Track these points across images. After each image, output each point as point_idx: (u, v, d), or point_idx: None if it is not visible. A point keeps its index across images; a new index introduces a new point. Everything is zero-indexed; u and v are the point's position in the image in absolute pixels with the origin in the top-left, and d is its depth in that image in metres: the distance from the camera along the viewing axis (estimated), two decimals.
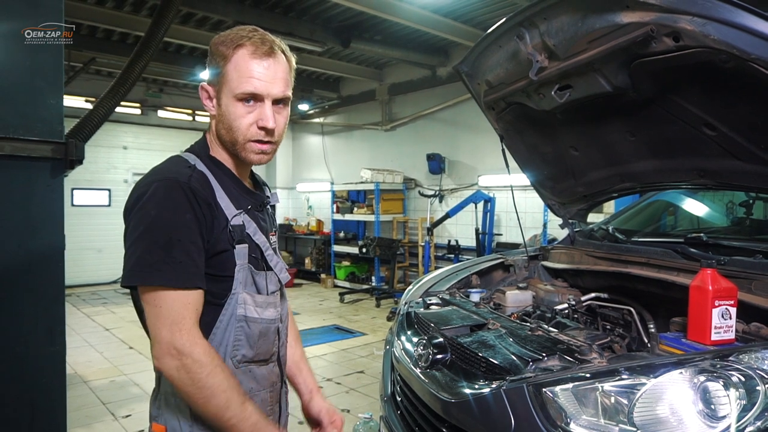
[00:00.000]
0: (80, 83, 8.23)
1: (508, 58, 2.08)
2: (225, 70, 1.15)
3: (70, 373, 2.20)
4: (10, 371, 2.19)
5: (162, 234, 1.08)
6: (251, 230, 1.22)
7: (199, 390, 1.07)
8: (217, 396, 1.08)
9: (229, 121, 1.17)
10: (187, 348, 1.07)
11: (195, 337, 1.09)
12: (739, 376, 1.23)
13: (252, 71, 1.14)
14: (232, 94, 1.15)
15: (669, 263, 2.02)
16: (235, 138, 1.17)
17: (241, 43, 1.15)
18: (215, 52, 1.17)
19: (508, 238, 7.20)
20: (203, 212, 1.12)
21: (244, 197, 1.25)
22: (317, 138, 10.75)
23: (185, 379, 1.07)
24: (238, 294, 1.18)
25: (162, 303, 1.08)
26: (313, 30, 6.68)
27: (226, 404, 1.09)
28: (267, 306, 1.25)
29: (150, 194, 1.10)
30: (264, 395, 1.27)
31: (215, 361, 1.10)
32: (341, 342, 5.88)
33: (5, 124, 2.14)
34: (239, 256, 1.18)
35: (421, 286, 2.64)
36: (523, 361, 1.55)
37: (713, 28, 1.41)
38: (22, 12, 2.19)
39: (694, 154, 1.97)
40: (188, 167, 1.17)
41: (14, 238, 2.19)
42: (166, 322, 1.07)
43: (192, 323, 1.09)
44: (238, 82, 1.14)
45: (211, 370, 1.08)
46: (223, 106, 1.17)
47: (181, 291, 1.08)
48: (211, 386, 1.08)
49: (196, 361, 1.06)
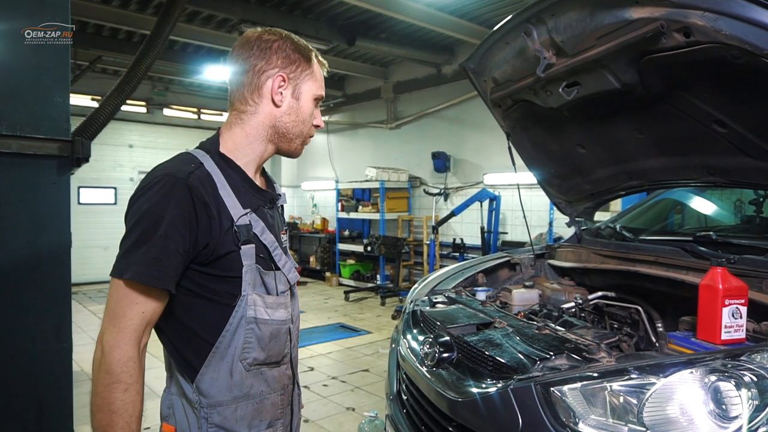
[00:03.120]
0: (86, 81, 8.26)
1: (515, 55, 2.06)
2: (311, 71, 1.27)
3: (76, 370, 2.21)
4: (17, 368, 2.20)
5: (148, 228, 1.07)
6: (258, 230, 1.20)
7: (95, 395, 1.06)
8: (102, 411, 1.05)
9: (303, 114, 1.27)
10: (108, 347, 1.06)
11: (123, 340, 1.06)
12: (751, 376, 1.22)
13: (323, 81, 1.32)
14: (313, 94, 1.28)
15: (678, 262, 2.00)
16: (303, 130, 1.28)
17: (312, 51, 1.30)
18: (297, 50, 1.25)
19: (513, 237, 7.17)
20: (196, 212, 1.10)
21: (253, 195, 1.23)
22: (322, 136, 10.75)
23: (94, 375, 1.07)
24: (248, 295, 1.16)
25: (114, 291, 1.08)
26: (319, 28, 6.68)
27: (107, 425, 1.05)
28: (278, 307, 1.22)
29: (149, 187, 1.10)
30: (275, 398, 1.25)
31: (123, 377, 1.06)
32: (346, 340, 5.88)
33: (12, 122, 2.14)
34: (246, 256, 1.16)
35: (427, 285, 2.63)
36: (530, 360, 1.54)
37: (725, 23, 1.39)
38: (29, 11, 2.20)
39: (704, 151, 1.95)
40: (193, 164, 1.15)
41: (21, 235, 2.20)
42: (108, 311, 1.08)
43: (130, 324, 1.07)
44: (319, 85, 1.29)
45: (111, 382, 1.05)
46: (303, 101, 1.26)
47: (131, 286, 1.07)
48: (104, 398, 1.05)
49: (106, 365, 1.05)
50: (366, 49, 7.70)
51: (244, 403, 1.19)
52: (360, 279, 9.08)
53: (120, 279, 1.07)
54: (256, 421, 1.21)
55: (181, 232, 1.08)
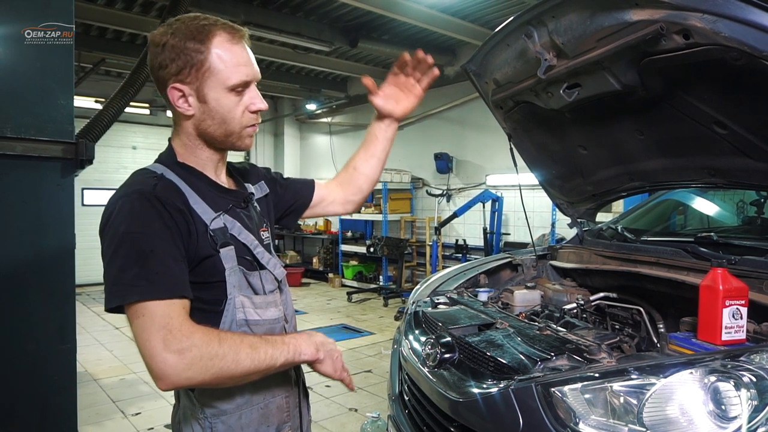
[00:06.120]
0: (90, 84, 8.29)
1: (516, 57, 2.07)
2: (207, 63, 1.09)
3: (80, 371, 2.22)
4: (21, 369, 2.21)
5: (133, 249, 1.02)
6: (235, 230, 1.16)
7: (222, 360, 1.00)
8: (239, 348, 1.02)
9: (222, 114, 1.12)
10: (186, 342, 0.98)
11: (189, 328, 1.01)
12: (750, 377, 1.22)
13: (239, 59, 1.11)
14: (224, 87, 1.10)
15: (679, 262, 2.00)
16: (231, 129, 1.14)
17: (212, 31, 1.10)
18: (184, 49, 1.08)
19: (516, 238, 7.17)
20: (175, 219, 1.05)
21: (223, 197, 1.19)
22: (325, 137, 10.77)
23: (204, 368, 0.99)
24: (235, 298, 1.13)
25: (145, 313, 1.00)
26: (321, 30, 6.70)
27: (253, 346, 1.04)
28: (267, 306, 1.20)
29: (117, 211, 1.05)
30: (280, 401, 1.23)
31: (215, 331, 1.04)
32: (349, 341, 5.88)
33: (17, 125, 2.16)
34: (226, 259, 1.12)
35: (429, 286, 2.64)
36: (531, 360, 1.55)
37: (724, 25, 1.39)
38: (32, 14, 2.22)
39: (705, 152, 1.95)
40: (154, 177, 1.11)
41: (25, 237, 2.22)
42: (152, 330, 0.98)
43: (181, 320, 1.01)
44: (229, 72, 1.09)
45: (215, 338, 1.01)
46: (212, 101, 1.11)
47: (161, 301, 1.01)
48: (230, 345, 1.02)
49: (199, 345, 0.99)
50: (368, 51, 7.71)
51: (248, 410, 1.16)
52: (363, 280, 9.09)
53: (148, 301, 0.99)
54: (263, 427, 1.19)
55: (168, 242, 1.04)
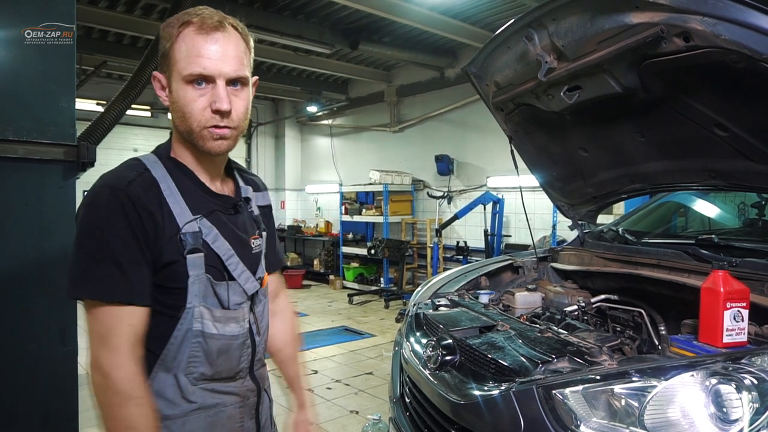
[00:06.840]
0: (92, 86, 8.31)
1: (516, 60, 2.07)
2: (171, 51, 1.05)
3: (82, 373, 2.22)
4: (23, 371, 2.21)
5: (92, 244, 1.01)
6: (210, 237, 1.10)
7: (108, 418, 1.01)
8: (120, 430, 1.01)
9: (180, 107, 1.06)
10: (107, 369, 0.99)
11: (120, 359, 1.00)
12: (751, 379, 1.22)
13: (200, 49, 1.03)
14: (181, 77, 1.04)
15: (680, 265, 2.00)
16: (190, 126, 1.07)
17: (188, 20, 1.05)
18: (162, 35, 1.06)
19: (517, 240, 7.17)
20: (142, 221, 1.02)
21: (208, 200, 1.14)
22: (326, 140, 10.78)
23: (100, 400, 1.01)
24: (194, 308, 1.08)
25: (93, 315, 1.01)
26: (322, 32, 6.71)
27: None
28: (227, 321, 1.13)
29: (89, 203, 1.03)
30: (232, 411, 1.18)
31: (134, 392, 1.01)
32: (350, 343, 5.88)
33: (18, 127, 2.17)
34: (193, 266, 1.07)
35: (430, 288, 2.64)
36: (532, 362, 1.55)
37: (724, 28, 1.40)
38: (34, 16, 2.22)
39: (705, 154, 1.95)
40: (135, 171, 1.07)
41: (27, 239, 2.22)
42: (95, 336, 1.01)
43: (121, 341, 1.00)
44: (186, 62, 1.03)
45: (123, 401, 1.00)
46: (174, 92, 1.06)
47: (110, 306, 1.00)
48: (120, 418, 1.00)
49: (111, 386, 1.00)
50: (369, 53, 7.72)
51: (194, 417, 1.12)
52: (364, 282, 9.08)
53: (97, 301, 1.01)
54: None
55: (129, 243, 1.01)
